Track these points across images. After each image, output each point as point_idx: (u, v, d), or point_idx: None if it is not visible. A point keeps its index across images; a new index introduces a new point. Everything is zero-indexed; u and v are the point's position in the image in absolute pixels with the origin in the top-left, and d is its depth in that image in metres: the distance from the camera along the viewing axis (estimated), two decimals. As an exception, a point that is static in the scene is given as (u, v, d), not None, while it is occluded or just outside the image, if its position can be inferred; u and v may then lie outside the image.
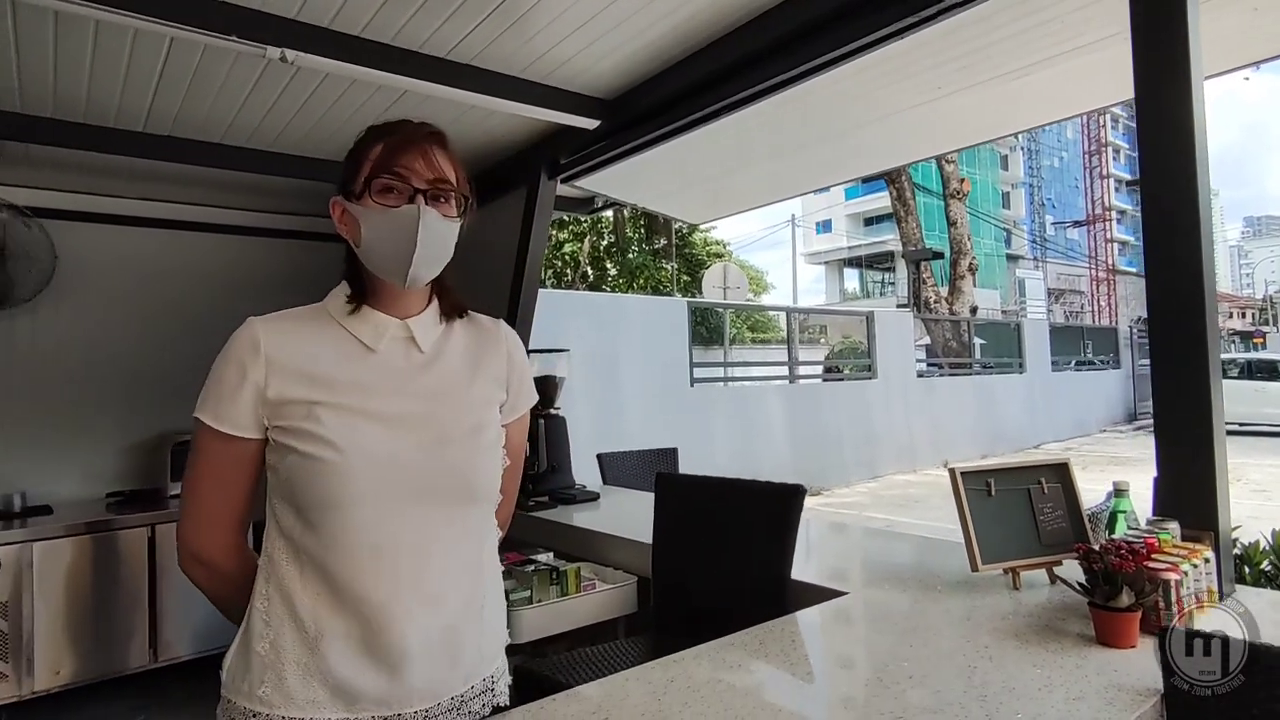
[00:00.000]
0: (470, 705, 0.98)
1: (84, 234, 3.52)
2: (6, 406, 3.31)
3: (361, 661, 0.90)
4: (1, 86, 2.44)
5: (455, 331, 1.05)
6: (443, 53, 2.36)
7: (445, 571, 0.95)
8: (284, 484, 0.93)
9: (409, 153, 0.95)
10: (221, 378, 0.94)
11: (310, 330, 0.98)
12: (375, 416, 0.93)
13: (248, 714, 0.90)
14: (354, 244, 0.99)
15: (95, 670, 2.94)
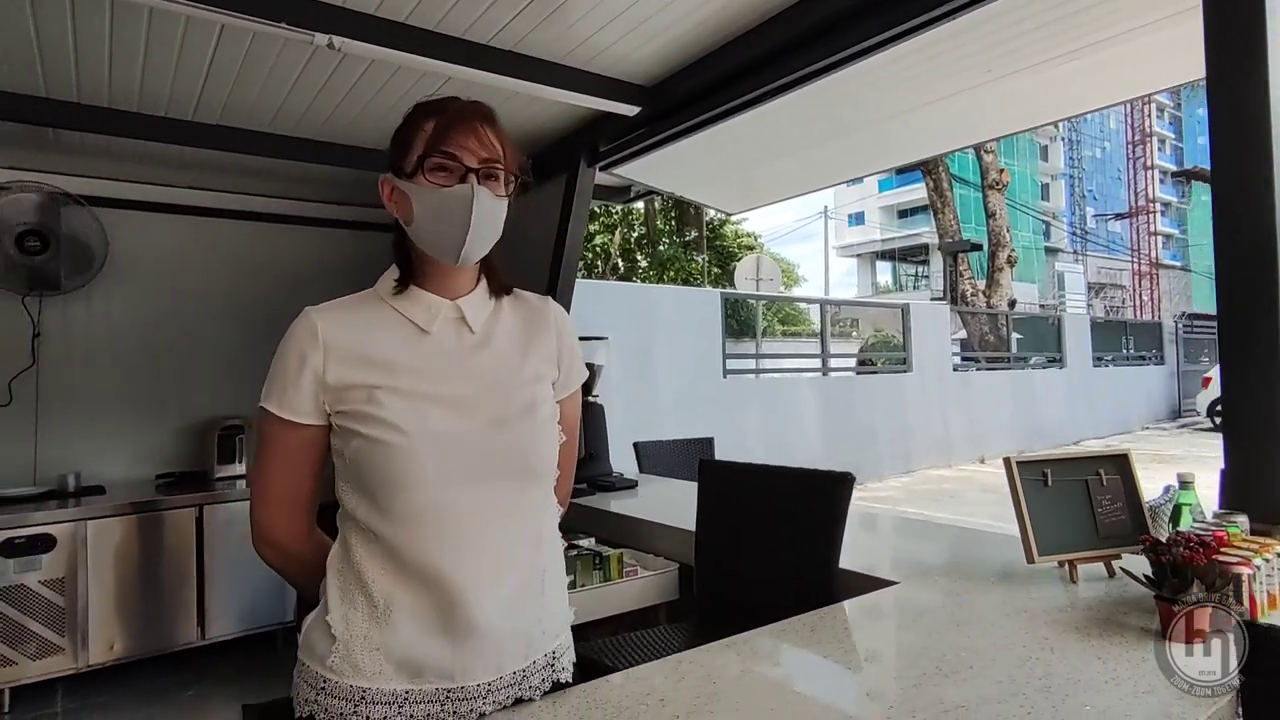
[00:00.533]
0: (531, 680, 0.99)
1: (135, 222, 3.60)
2: (62, 390, 3.41)
3: (428, 635, 0.92)
4: (60, 78, 2.50)
5: (504, 310, 1.05)
6: (485, 39, 2.37)
7: (507, 547, 0.96)
8: (350, 467, 0.95)
9: (460, 131, 0.95)
10: (283, 367, 0.96)
11: (365, 316, 0.99)
12: (434, 399, 0.94)
13: (319, 679, 0.94)
14: (404, 222, 0.99)
15: (146, 646, 3.02)
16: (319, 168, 3.49)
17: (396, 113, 2.89)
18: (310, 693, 0.94)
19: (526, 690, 0.98)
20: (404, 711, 0.91)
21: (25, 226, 3.23)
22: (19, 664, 2.76)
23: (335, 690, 0.92)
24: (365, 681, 0.91)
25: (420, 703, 0.92)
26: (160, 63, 2.44)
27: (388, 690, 0.91)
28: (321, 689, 0.93)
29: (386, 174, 0.99)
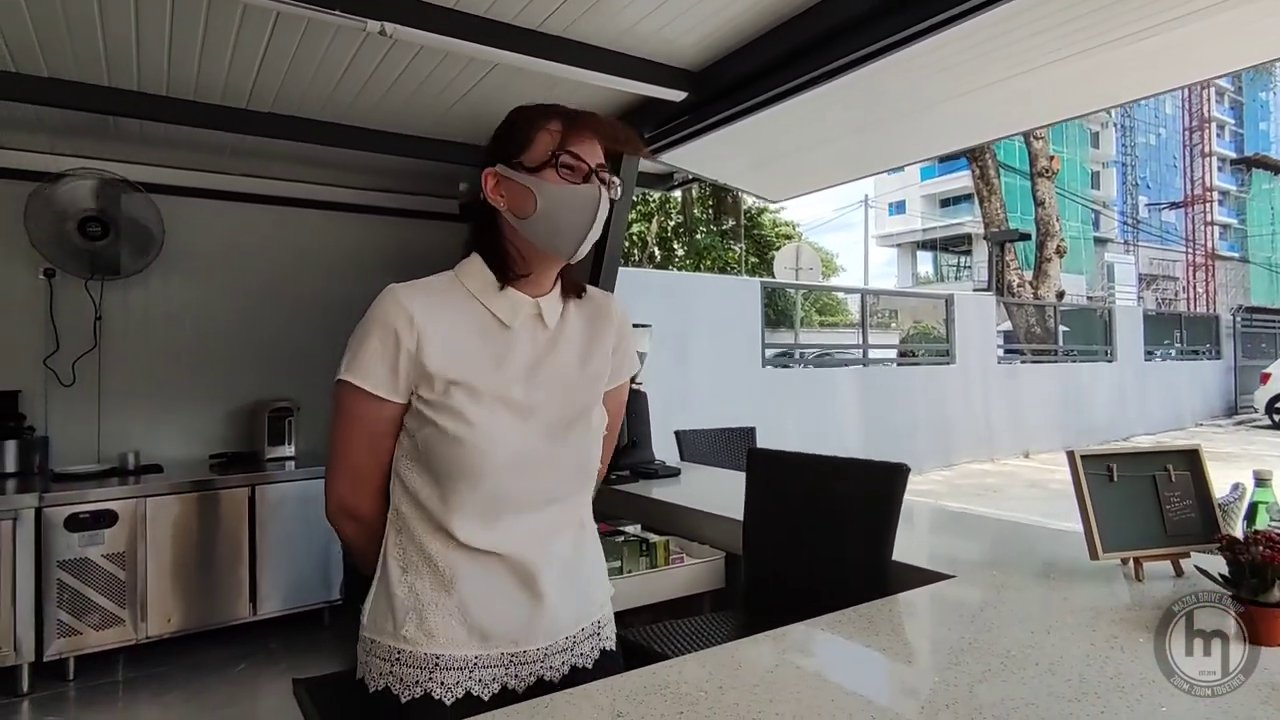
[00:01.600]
0: (581, 647, 1.05)
1: (190, 208, 3.70)
2: (122, 371, 3.53)
3: (493, 600, 0.97)
4: (121, 67, 2.57)
5: (571, 310, 1.08)
6: (535, 25, 2.36)
7: (556, 526, 1.03)
8: (418, 450, 0.99)
9: (584, 134, 0.99)
10: (374, 343, 0.97)
11: (452, 303, 1.01)
12: (505, 400, 0.98)
13: (392, 651, 0.97)
14: (517, 214, 0.99)
15: (201, 620, 3.12)
16: (367, 155, 3.53)
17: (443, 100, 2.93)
18: (384, 666, 0.97)
19: (578, 657, 1.04)
20: (473, 675, 0.96)
21: (87, 213, 3.34)
22: (83, 634, 2.87)
23: (410, 659, 0.96)
24: (439, 648, 0.96)
25: (487, 667, 0.97)
26: (217, 51, 2.48)
27: (459, 656, 0.96)
28: (396, 660, 0.96)
29: (494, 166, 1.01)
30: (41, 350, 3.35)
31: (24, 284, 3.35)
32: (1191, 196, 31.45)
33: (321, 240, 4.07)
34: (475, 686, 0.96)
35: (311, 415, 3.89)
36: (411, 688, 0.95)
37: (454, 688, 0.95)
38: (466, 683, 0.96)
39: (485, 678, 0.97)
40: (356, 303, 4.17)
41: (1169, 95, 28.20)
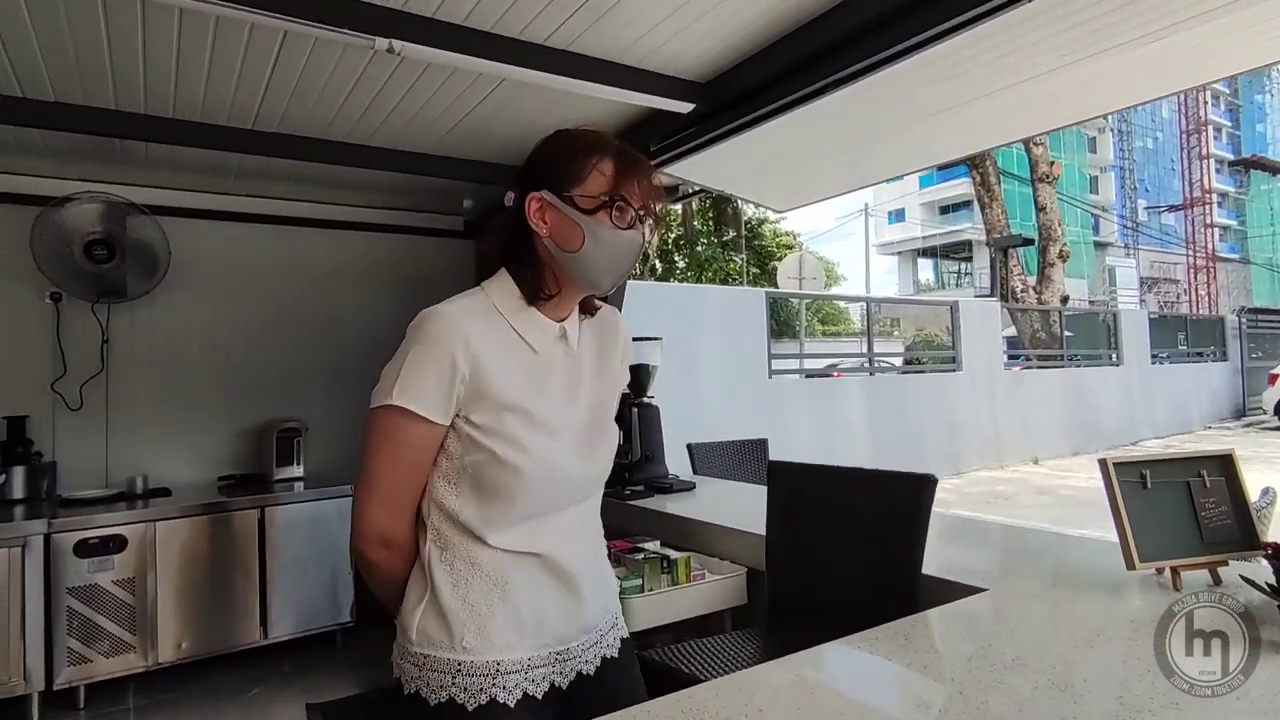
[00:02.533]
0: (606, 638, 1.11)
1: (195, 230, 3.70)
2: (129, 394, 3.51)
3: (545, 600, 1.03)
4: (129, 90, 2.56)
5: (585, 328, 1.12)
6: (541, 39, 2.36)
7: (581, 525, 1.10)
8: (463, 473, 1.01)
9: (637, 180, 1.02)
10: (427, 366, 0.96)
11: (493, 327, 1.02)
12: (544, 423, 1.01)
13: (452, 664, 0.98)
14: (559, 245, 1.01)
15: (212, 644, 3.09)
16: (372, 173, 3.53)
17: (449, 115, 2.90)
18: (445, 679, 0.98)
19: (606, 647, 1.10)
20: (528, 676, 1.00)
21: (93, 236, 3.33)
22: (93, 661, 2.84)
23: (471, 669, 0.98)
24: (498, 654, 0.99)
25: (539, 667, 1.02)
26: (224, 72, 2.48)
27: (516, 659, 1.00)
28: (457, 671, 0.98)
29: (540, 191, 1.01)
30: (48, 375, 3.33)
31: (31, 308, 3.34)
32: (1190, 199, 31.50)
33: (326, 259, 4.06)
34: (530, 686, 1.00)
35: (319, 435, 3.87)
36: (476, 695, 0.98)
37: (514, 690, 0.99)
38: (524, 684, 1.00)
39: (537, 677, 1.01)
40: (363, 320, 4.19)
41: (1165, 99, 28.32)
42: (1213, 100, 32.81)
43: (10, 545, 2.69)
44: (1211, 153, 32.15)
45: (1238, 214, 34.27)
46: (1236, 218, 34.20)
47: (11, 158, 3.22)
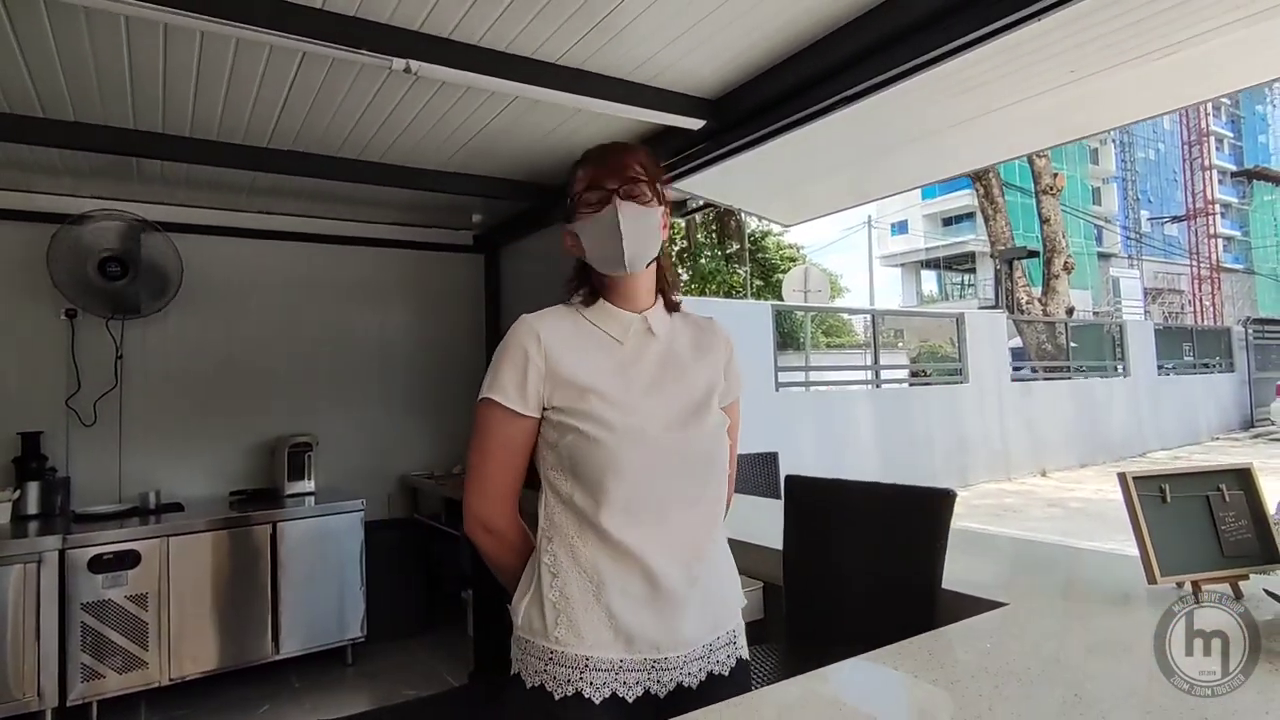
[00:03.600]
0: (718, 655, 1.11)
1: (209, 247, 3.73)
2: (143, 410, 3.53)
3: (637, 606, 1.04)
4: (148, 109, 2.60)
5: (677, 325, 1.20)
6: (554, 58, 2.39)
7: (692, 532, 1.09)
8: (563, 458, 1.08)
9: (603, 165, 1.14)
10: (510, 364, 1.09)
11: (572, 325, 1.14)
12: (629, 403, 1.07)
13: (545, 651, 1.05)
14: (582, 258, 1.16)
15: (224, 660, 3.09)
16: (384, 189, 3.57)
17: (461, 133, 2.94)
18: (539, 664, 1.05)
19: (715, 664, 1.10)
20: (619, 678, 1.03)
21: (107, 253, 3.36)
22: (106, 678, 2.84)
23: (561, 659, 1.03)
24: (587, 650, 1.03)
25: (631, 670, 1.04)
26: (241, 92, 2.52)
27: (606, 658, 1.03)
28: (549, 660, 1.04)
29: (566, 226, 1.17)
30: (63, 391, 3.36)
31: (47, 325, 3.37)
32: (1193, 210, 31.50)
33: (337, 274, 4.10)
34: (621, 688, 1.02)
35: (330, 450, 3.88)
36: (564, 686, 1.02)
37: (602, 688, 1.02)
38: (613, 684, 1.02)
39: (630, 680, 1.03)
40: (373, 335, 4.21)
41: (1166, 111, 28.32)
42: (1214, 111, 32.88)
43: (25, 561, 2.71)
44: (1214, 163, 32.18)
45: (1241, 225, 34.25)
46: (1240, 228, 34.18)
47: (31, 176, 3.27)
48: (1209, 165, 31.96)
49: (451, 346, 4.41)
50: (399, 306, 4.27)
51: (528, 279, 4.25)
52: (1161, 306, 30.61)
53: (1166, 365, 12.69)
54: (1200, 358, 13.92)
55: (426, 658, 3.49)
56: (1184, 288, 31.76)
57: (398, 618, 3.71)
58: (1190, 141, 32.08)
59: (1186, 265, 31.58)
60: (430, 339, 4.35)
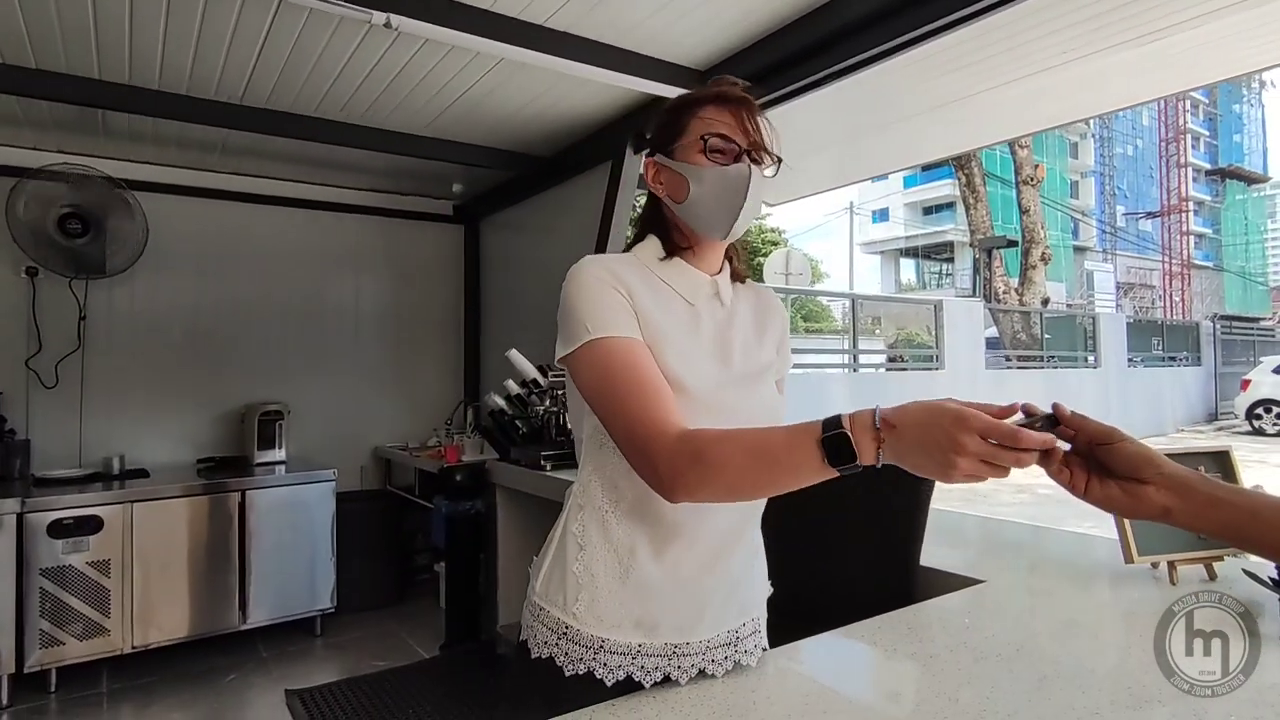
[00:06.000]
0: (745, 644, 1.04)
1: (178, 207, 3.62)
2: (106, 373, 3.43)
3: (667, 590, 0.97)
4: (114, 59, 2.49)
5: (740, 293, 1.11)
6: (542, 19, 2.32)
7: (735, 513, 1.01)
8: None
9: (735, 114, 1.00)
10: (599, 301, 0.94)
11: (643, 275, 1.02)
12: (696, 360, 0.99)
13: (560, 624, 0.98)
14: (674, 200, 1.03)
15: (189, 629, 3.04)
16: (360, 154, 3.47)
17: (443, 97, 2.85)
18: (551, 636, 0.98)
19: (741, 653, 1.03)
20: (636, 662, 0.97)
21: (68, 209, 3.24)
22: (66, 644, 2.78)
23: (577, 637, 0.97)
24: (605, 632, 0.96)
25: (650, 655, 0.97)
26: (213, 43, 2.41)
27: (624, 642, 0.96)
28: (564, 634, 0.97)
29: (653, 156, 1.05)
30: (23, 351, 3.25)
31: (6, 282, 3.25)
32: (1168, 206, 32.00)
33: (312, 240, 4.00)
34: (638, 673, 0.97)
35: (301, 419, 3.81)
36: (576, 663, 0.96)
37: (616, 670, 0.96)
38: (629, 667, 0.96)
39: (649, 665, 0.97)
40: (348, 303, 4.13)
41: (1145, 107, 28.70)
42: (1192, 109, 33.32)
43: (-19, 524, 2.62)
44: (1190, 161, 32.67)
45: (1213, 222, 34.87)
46: (1212, 226, 34.80)
47: (-12, 126, 3.13)
48: (1185, 163, 32.44)
49: (429, 318, 4.33)
50: (376, 275, 4.18)
51: (511, 252, 4.17)
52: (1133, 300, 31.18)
53: (1136, 358, 12.93)
54: (1168, 351, 14.20)
55: (396, 629, 3.46)
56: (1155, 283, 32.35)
57: (368, 590, 3.67)
58: (1168, 139, 32.51)
59: (1159, 261, 32.14)
60: (407, 310, 4.27)
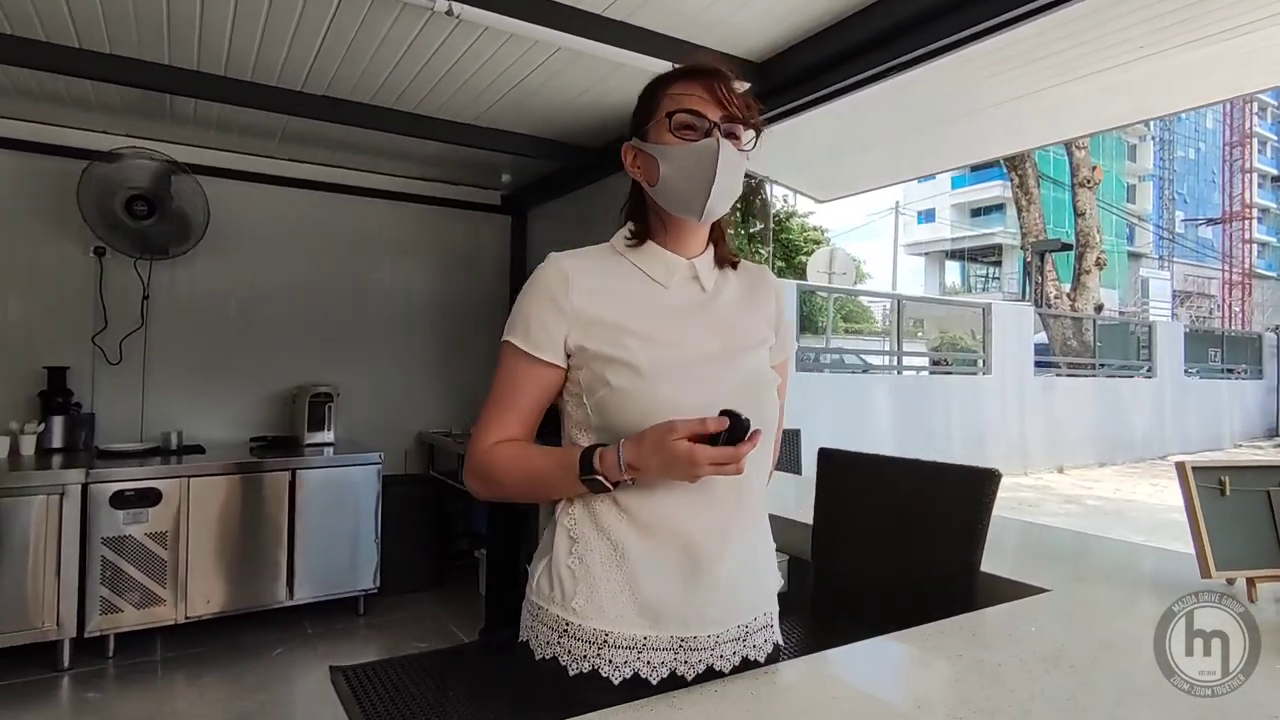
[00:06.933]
0: (754, 638, 1.00)
1: (237, 191, 3.71)
2: (167, 351, 3.54)
3: (666, 580, 0.93)
4: (183, 45, 2.55)
5: (729, 276, 1.08)
6: (600, 9, 2.31)
7: (734, 499, 0.97)
8: (591, 414, 0.96)
9: (701, 89, 0.97)
10: (531, 305, 0.98)
11: (607, 264, 1.02)
12: (673, 347, 0.96)
13: (560, 622, 0.95)
14: (647, 184, 1.01)
15: (239, 602, 3.12)
16: (411, 142, 3.52)
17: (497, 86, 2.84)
18: (552, 635, 0.95)
19: (751, 648, 0.99)
20: (642, 657, 0.93)
21: (135, 191, 3.34)
22: (124, 612, 2.87)
23: (579, 633, 0.93)
24: (608, 625, 0.93)
25: (656, 649, 0.93)
26: (279, 30, 2.46)
27: (628, 635, 0.93)
28: (564, 632, 0.94)
29: (630, 141, 1.03)
30: (90, 328, 3.36)
31: (76, 261, 3.37)
32: (1230, 213, 30.74)
33: (363, 227, 4.06)
34: (644, 669, 0.93)
35: (350, 401, 3.88)
36: (579, 661, 0.93)
37: (622, 667, 0.93)
38: (635, 664, 0.93)
39: (654, 660, 0.94)
40: (397, 290, 4.18)
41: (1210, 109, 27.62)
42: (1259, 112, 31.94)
43: (49, 493, 2.73)
44: (1255, 166, 31.32)
45: (1277, 231, 33.42)
46: (1276, 234, 33.36)
47: (65, 110, 3.24)
48: (1250, 168, 31.10)
49: (475, 307, 4.37)
50: (423, 263, 4.23)
51: (557, 242, 4.18)
52: (1189, 309, 30.06)
53: (1192, 369, 12.47)
54: (1228, 363, 13.66)
55: (437, 613, 3.51)
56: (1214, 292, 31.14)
57: (410, 572, 3.72)
58: (1232, 143, 31.21)
59: (1218, 269, 30.92)
60: (453, 298, 4.32)
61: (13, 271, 3.28)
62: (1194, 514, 1.32)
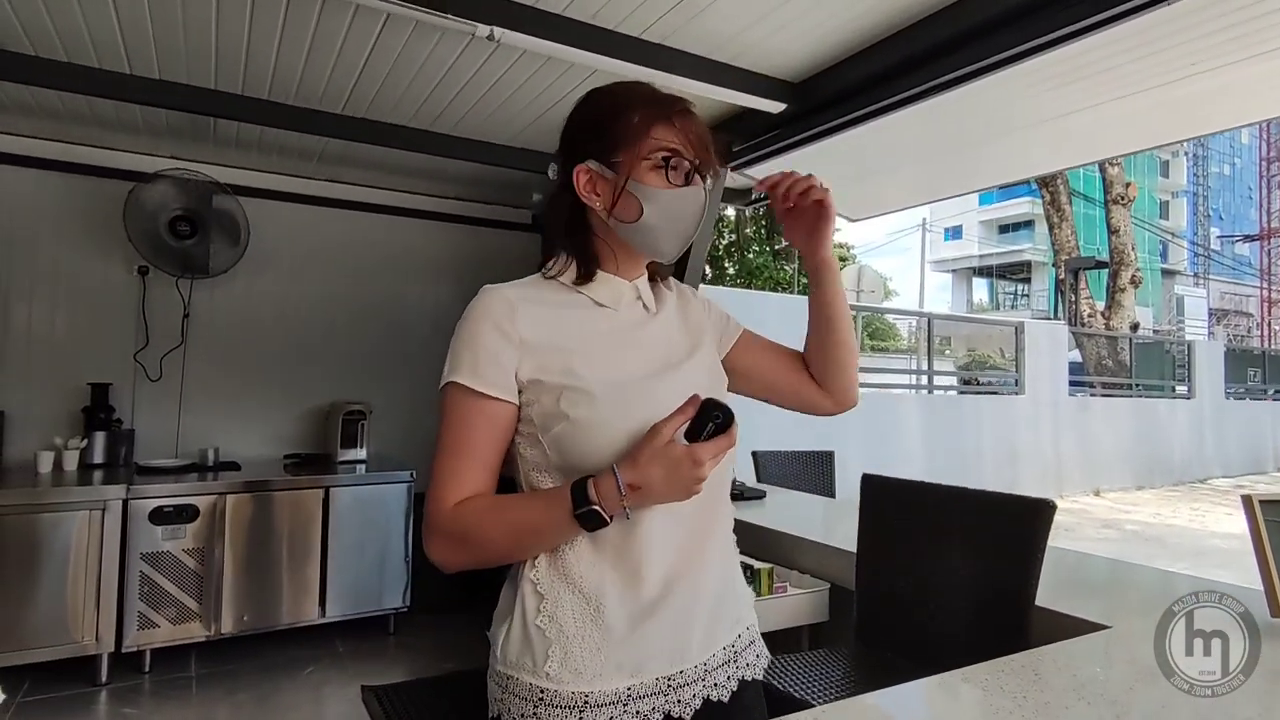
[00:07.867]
0: (744, 656, 0.96)
1: (275, 211, 3.77)
2: (205, 368, 3.60)
3: (646, 620, 0.87)
4: (230, 69, 2.62)
5: (662, 291, 1.05)
6: (638, 32, 2.33)
7: (699, 517, 0.92)
8: (548, 452, 0.89)
9: (684, 128, 0.93)
10: (475, 340, 0.90)
11: (547, 294, 0.95)
12: (626, 369, 0.92)
13: (534, 690, 0.87)
14: (618, 218, 0.93)
15: (272, 619, 3.13)
16: (445, 162, 3.56)
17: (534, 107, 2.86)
18: (526, 706, 0.87)
19: (744, 667, 0.95)
20: (629, 709, 0.86)
21: (178, 212, 3.41)
22: (160, 627, 2.90)
23: (555, 699, 0.86)
24: (587, 685, 0.86)
25: (644, 697, 0.87)
26: (323, 55, 2.51)
27: (610, 690, 0.86)
28: (539, 700, 0.86)
29: (585, 162, 0.94)
30: (132, 345, 3.43)
31: (120, 280, 3.44)
32: (1268, 229, 30.06)
33: (397, 246, 4.11)
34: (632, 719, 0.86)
35: (382, 419, 3.91)
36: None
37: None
38: (622, 718, 0.86)
39: (644, 709, 0.87)
40: (429, 309, 4.21)
41: (1247, 124, 27.08)
42: (1297, 127, 31.26)
43: (91, 508, 2.77)
44: (1293, 182, 30.62)
45: (1319, 247, 32.58)
46: (1317, 251, 32.51)
47: (112, 134, 3.33)
48: (1288, 183, 30.43)
49: (505, 325, 4.38)
50: (456, 282, 4.27)
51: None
52: (1226, 328, 29.37)
53: (1231, 389, 12.15)
54: (1269, 383, 13.28)
55: (468, 634, 3.50)
56: (1252, 310, 30.40)
57: (441, 591, 3.71)
58: (1270, 158, 30.59)
59: (1256, 286, 30.20)
60: (485, 316, 4.33)
61: (61, 290, 3.36)
62: (1262, 548, 1.27)
